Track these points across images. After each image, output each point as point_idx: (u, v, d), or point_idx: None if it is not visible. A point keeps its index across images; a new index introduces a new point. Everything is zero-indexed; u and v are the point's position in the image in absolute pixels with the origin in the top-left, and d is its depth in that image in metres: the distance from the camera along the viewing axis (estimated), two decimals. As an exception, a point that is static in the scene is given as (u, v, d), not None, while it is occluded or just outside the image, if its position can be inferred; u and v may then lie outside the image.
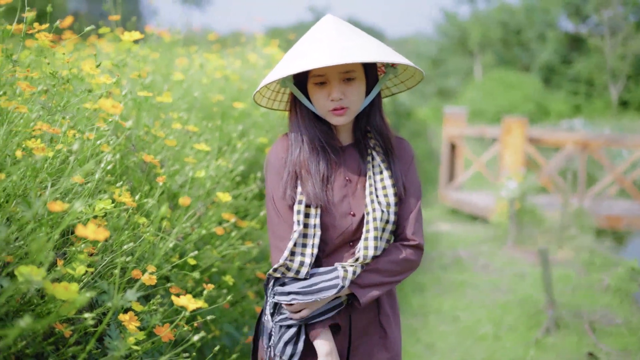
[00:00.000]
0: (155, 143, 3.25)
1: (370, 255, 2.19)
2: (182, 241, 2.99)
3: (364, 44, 2.14)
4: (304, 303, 2.20)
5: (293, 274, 2.21)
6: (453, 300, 6.35)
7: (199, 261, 3.12)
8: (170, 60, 4.64)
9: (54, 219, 1.98)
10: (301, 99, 2.28)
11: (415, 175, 2.39)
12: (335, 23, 2.24)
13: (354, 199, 2.29)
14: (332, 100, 2.20)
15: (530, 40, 34.94)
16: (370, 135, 2.35)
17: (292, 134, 2.32)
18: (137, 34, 2.83)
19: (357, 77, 2.22)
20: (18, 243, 1.91)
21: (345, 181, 2.31)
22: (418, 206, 2.33)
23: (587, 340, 5.26)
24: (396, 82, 2.47)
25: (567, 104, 31.08)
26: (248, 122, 4.64)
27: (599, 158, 10.03)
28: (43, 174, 2.05)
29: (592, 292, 6.61)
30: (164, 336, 2.11)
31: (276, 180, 2.30)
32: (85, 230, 1.53)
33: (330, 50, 2.07)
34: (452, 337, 5.40)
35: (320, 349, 2.21)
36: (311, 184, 2.24)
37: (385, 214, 2.23)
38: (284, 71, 2.12)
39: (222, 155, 3.75)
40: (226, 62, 5.57)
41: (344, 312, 2.30)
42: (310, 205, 2.23)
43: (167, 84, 3.96)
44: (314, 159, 2.27)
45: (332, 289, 2.17)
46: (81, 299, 1.44)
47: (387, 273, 2.25)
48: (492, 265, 7.71)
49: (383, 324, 2.37)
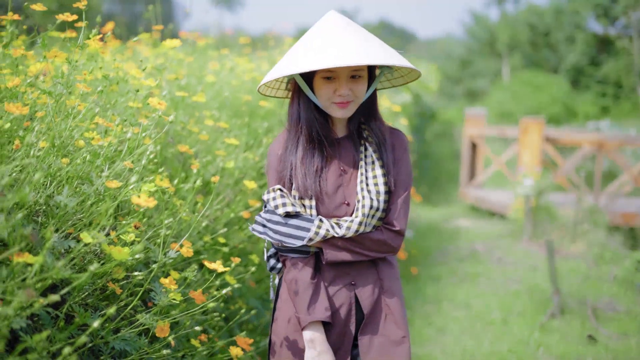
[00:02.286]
0: (190, 137, 3.69)
1: (350, 234, 2.33)
2: (213, 222, 3.44)
3: (377, 45, 2.28)
4: (274, 241, 2.42)
5: (272, 207, 2.40)
6: (466, 290, 6.73)
7: (228, 241, 3.55)
8: (204, 63, 5.09)
9: (110, 195, 2.42)
10: (306, 90, 2.38)
11: (406, 165, 2.49)
12: (343, 20, 2.36)
13: (348, 189, 2.41)
14: (339, 96, 2.32)
15: (558, 42, 34.85)
16: (364, 127, 2.48)
17: (290, 125, 2.45)
18: (177, 41, 3.27)
19: (363, 75, 2.35)
20: (80, 215, 2.35)
21: (340, 171, 2.43)
22: (406, 194, 2.44)
23: (589, 325, 5.62)
24: (389, 77, 2.59)
25: (595, 106, 31.00)
26: (273, 120, 5.06)
27: (614, 158, 10.31)
28: (99, 160, 2.49)
29: (599, 283, 6.96)
30: (197, 299, 2.51)
31: (274, 175, 2.47)
32: (139, 199, 1.97)
33: (351, 50, 2.19)
34: (463, 321, 5.77)
35: (305, 338, 2.38)
36: (302, 176, 2.38)
37: (375, 201, 2.35)
38: (304, 65, 2.20)
39: (249, 149, 4.19)
40: (254, 65, 5.99)
41: (348, 290, 2.44)
42: (304, 197, 2.39)
43: (200, 85, 4.40)
44: (309, 152, 2.41)
45: (298, 239, 2.35)
46: (136, 249, 1.86)
47: (360, 246, 2.38)
48: (506, 259, 8.06)
49: (387, 302, 2.48)
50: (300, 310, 2.38)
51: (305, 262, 2.41)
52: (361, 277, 2.45)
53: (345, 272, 2.44)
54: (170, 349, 2.40)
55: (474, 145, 12.43)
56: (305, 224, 2.36)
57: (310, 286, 2.39)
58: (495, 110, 27.84)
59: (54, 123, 2.29)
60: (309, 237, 2.33)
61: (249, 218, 3.64)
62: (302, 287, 2.39)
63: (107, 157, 2.38)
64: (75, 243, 2.16)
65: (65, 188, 2.09)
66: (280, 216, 2.40)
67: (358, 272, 2.45)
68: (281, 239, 2.39)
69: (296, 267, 2.42)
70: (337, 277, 2.44)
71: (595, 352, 5.03)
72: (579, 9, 34.13)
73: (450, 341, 5.28)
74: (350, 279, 2.44)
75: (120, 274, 2.41)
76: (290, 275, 2.43)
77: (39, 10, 2.55)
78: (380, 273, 2.49)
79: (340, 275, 2.44)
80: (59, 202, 2.07)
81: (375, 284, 2.47)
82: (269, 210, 2.45)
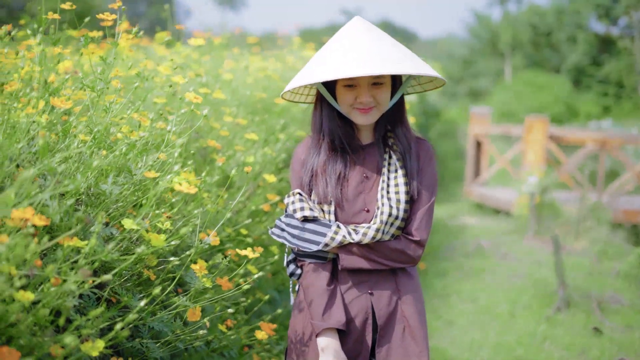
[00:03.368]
0: (211, 133, 3.83)
1: (366, 240, 2.31)
2: (236, 214, 3.58)
3: (397, 53, 2.26)
4: (291, 245, 2.40)
5: (291, 211, 2.41)
6: (473, 284, 6.87)
7: (250, 232, 3.69)
8: (219, 62, 5.23)
9: (146, 186, 2.56)
10: (327, 98, 2.38)
11: (431, 176, 2.45)
12: (366, 28, 2.35)
13: (369, 196, 2.39)
14: (360, 102, 2.32)
15: (560, 41, 34.95)
16: (390, 134, 2.45)
17: (314, 131, 2.46)
18: (201, 40, 3.41)
19: (385, 82, 2.34)
20: (119, 204, 2.49)
21: (362, 178, 2.41)
22: (428, 205, 2.40)
23: (594, 318, 5.76)
24: (413, 83, 2.58)
25: (597, 106, 31.08)
26: (287, 117, 5.19)
27: (616, 156, 10.44)
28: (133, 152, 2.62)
29: (603, 278, 7.10)
30: (224, 285, 2.63)
31: (296, 180, 2.48)
32: (181, 186, 2.11)
33: (370, 58, 2.19)
34: (471, 315, 5.91)
35: (319, 344, 2.33)
36: (323, 183, 2.38)
37: (395, 209, 2.32)
38: (322, 75, 2.21)
39: (267, 144, 4.32)
40: (267, 63, 6.14)
41: (365, 299, 2.40)
42: (322, 202, 2.39)
43: (218, 83, 4.53)
44: (332, 159, 2.40)
45: (314, 244, 2.34)
46: (182, 231, 2.00)
47: (377, 254, 2.34)
48: (511, 254, 8.20)
49: (405, 314, 2.42)
50: (314, 316, 2.35)
51: (323, 268, 2.39)
52: (379, 286, 2.41)
53: (363, 281, 2.41)
54: (206, 329, 2.53)
55: (478, 143, 12.57)
56: (322, 229, 2.35)
57: (326, 292, 2.36)
58: (498, 109, 27.93)
59: (95, 117, 2.42)
60: (324, 242, 2.32)
61: (269, 211, 3.77)
62: (317, 293, 2.36)
63: (145, 149, 2.52)
64: (116, 230, 2.30)
65: (109, 177, 2.23)
66: (298, 220, 2.39)
67: (376, 281, 2.41)
68: (298, 243, 2.38)
69: (313, 273, 2.40)
70: (354, 285, 2.41)
71: (600, 344, 5.16)
72: (581, 9, 34.21)
73: (459, 333, 5.42)
74: (367, 288, 2.41)
75: (153, 261, 2.55)
76: (307, 280, 2.41)
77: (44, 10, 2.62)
78: (399, 283, 2.44)
79: (357, 283, 2.40)
80: (104, 190, 2.21)
81: (392, 295, 2.42)
82: (289, 214, 2.44)
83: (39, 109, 2.16)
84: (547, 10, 35.81)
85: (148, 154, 2.64)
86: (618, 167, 13.24)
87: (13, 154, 2.09)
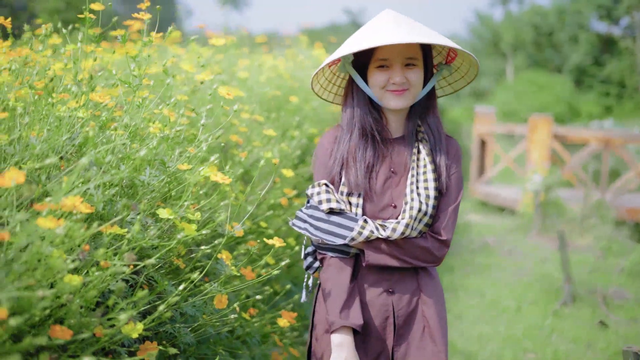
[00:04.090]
0: (231, 129, 3.95)
1: (395, 236, 2.24)
2: (256, 208, 3.69)
3: (426, 30, 2.24)
4: (314, 237, 2.35)
5: (316, 202, 2.34)
6: (480, 280, 6.99)
7: (269, 226, 3.81)
8: (233, 61, 5.35)
9: (178, 178, 2.67)
10: (358, 82, 2.33)
11: (458, 175, 2.39)
12: (396, 14, 2.32)
13: (396, 191, 2.33)
14: (393, 84, 2.25)
15: (561, 42, 35.09)
16: (421, 129, 2.38)
17: (344, 119, 2.38)
18: (222, 40, 3.52)
19: (418, 64, 2.28)
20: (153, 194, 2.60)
21: (389, 172, 2.35)
22: (456, 204, 2.35)
23: (600, 312, 5.88)
24: (444, 84, 2.55)
25: (598, 105, 31.22)
26: (300, 115, 5.31)
27: (620, 154, 10.55)
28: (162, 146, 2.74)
29: (607, 273, 7.23)
30: (248, 275, 2.73)
31: (322, 170, 2.40)
32: (217, 176, 2.23)
33: (395, 32, 2.16)
34: (478, 309, 6.03)
35: (333, 340, 2.28)
36: (354, 172, 2.30)
37: (424, 205, 2.26)
38: (348, 48, 2.22)
39: (283, 140, 4.44)
40: (278, 62, 6.26)
41: (385, 297, 2.36)
42: (352, 194, 2.32)
43: (234, 81, 4.66)
44: (362, 146, 2.32)
45: (339, 237, 2.28)
46: (223, 218, 2.12)
47: (404, 251, 2.29)
48: (517, 251, 8.32)
49: (425, 314, 2.38)
50: (331, 313, 2.28)
51: (344, 263, 2.33)
52: (400, 285, 2.36)
53: (385, 279, 2.35)
54: (236, 313, 2.64)
55: (483, 142, 12.69)
56: (348, 223, 2.28)
57: (346, 289, 2.29)
58: (500, 109, 28.05)
59: (130, 112, 2.54)
60: (351, 237, 2.25)
61: (285, 205, 3.89)
62: (337, 288, 2.30)
63: (178, 143, 2.63)
64: (150, 219, 2.41)
65: (147, 169, 2.34)
66: (323, 212, 2.32)
67: (398, 279, 2.36)
68: (322, 235, 2.31)
69: (334, 267, 2.33)
70: (375, 283, 2.36)
71: (606, 337, 5.28)
72: (582, 9, 34.35)
73: (467, 327, 5.53)
74: (388, 286, 2.36)
75: (182, 250, 2.67)
76: (326, 274, 2.35)
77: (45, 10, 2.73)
78: (421, 283, 2.39)
79: (379, 280, 2.35)
80: (142, 181, 2.32)
81: (413, 294, 2.38)
82: (312, 205, 2.38)
83: (81, 104, 2.27)
84: (548, 10, 35.96)
85: (180, 147, 2.75)
86: (619, 167, 13.35)
87: (57, 145, 2.20)
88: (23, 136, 2.14)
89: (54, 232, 1.60)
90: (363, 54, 2.29)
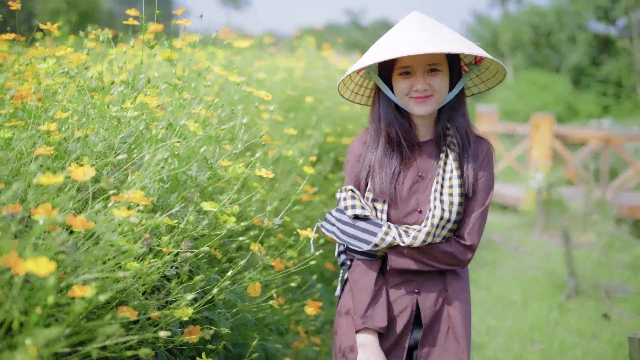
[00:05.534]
0: (254, 127, 4.13)
1: (416, 244, 2.25)
2: (280, 203, 3.88)
3: (448, 36, 2.20)
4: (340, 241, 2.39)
5: (342, 208, 2.39)
6: (486, 275, 7.18)
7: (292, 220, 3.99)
8: (250, 61, 5.54)
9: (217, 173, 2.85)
10: (383, 89, 2.33)
11: (488, 178, 2.36)
12: (420, 18, 2.30)
13: (423, 196, 2.33)
14: (415, 91, 2.24)
15: (560, 42, 35.27)
16: (449, 132, 2.36)
17: (372, 125, 2.40)
18: (247, 42, 3.70)
19: (442, 70, 2.25)
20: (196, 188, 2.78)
21: (417, 177, 2.35)
22: (483, 208, 2.33)
23: (603, 305, 6.07)
24: (477, 81, 2.52)
25: (596, 105, 31.41)
26: (315, 114, 5.49)
27: (620, 153, 10.75)
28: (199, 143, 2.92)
29: (610, 268, 7.43)
30: (276, 266, 2.89)
31: (351, 174, 2.44)
32: (261, 172, 2.41)
33: (416, 41, 2.13)
34: (486, 303, 6.22)
35: (358, 340, 2.34)
36: (379, 179, 2.32)
37: (447, 212, 2.25)
38: (369, 59, 2.20)
39: (302, 139, 4.62)
40: (293, 63, 6.44)
41: (410, 297, 2.37)
42: (377, 200, 2.35)
43: (253, 82, 4.83)
44: (388, 152, 2.34)
45: (364, 243, 2.31)
46: (271, 208, 2.30)
47: (427, 256, 2.30)
48: (521, 248, 8.52)
49: (451, 314, 2.38)
50: (357, 312, 2.34)
51: (370, 265, 2.36)
52: (426, 285, 2.37)
53: (411, 279, 2.37)
54: (274, 299, 2.82)
55: (484, 141, 12.85)
56: (373, 229, 2.31)
57: (371, 291, 2.33)
58: (501, 109, 28.20)
59: (174, 112, 2.72)
60: (374, 243, 2.28)
61: (307, 201, 4.07)
62: (362, 290, 2.35)
63: (218, 140, 2.81)
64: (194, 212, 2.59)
65: (194, 165, 2.52)
66: (348, 217, 2.37)
67: (424, 280, 2.38)
68: (347, 240, 2.35)
69: (360, 269, 2.38)
70: (401, 283, 2.38)
71: (610, 328, 5.47)
72: (581, 9, 34.52)
73: (475, 320, 5.71)
74: (414, 287, 2.37)
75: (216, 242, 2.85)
76: (353, 275, 2.40)
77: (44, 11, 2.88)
78: (447, 284, 2.39)
79: (404, 281, 2.38)
80: (190, 175, 2.51)
81: (439, 295, 2.38)
82: (340, 209, 2.42)
83: (135, 105, 2.45)
84: (547, 10, 36.11)
85: (219, 145, 2.93)
86: (618, 166, 13.54)
87: (113, 143, 2.38)
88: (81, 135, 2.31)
89: (129, 220, 1.79)
90: (386, 62, 2.29)
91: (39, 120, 2.29)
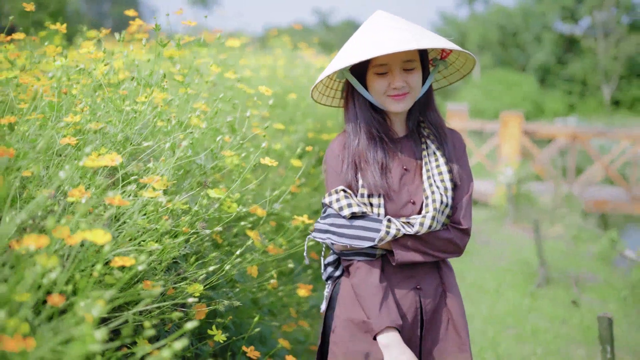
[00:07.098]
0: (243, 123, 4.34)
1: (423, 230, 2.22)
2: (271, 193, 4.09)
3: (425, 32, 2.20)
4: (339, 245, 2.31)
5: (337, 209, 2.30)
6: (461, 265, 7.44)
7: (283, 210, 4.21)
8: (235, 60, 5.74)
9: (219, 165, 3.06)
10: (359, 88, 2.30)
11: (467, 165, 2.40)
12: (389, 16, 2.31)
13: (413, 187, 2.31)
14: (394, 89, 2.24)
15: (526, 42, 35.81)
16: (424, 125, 2.39)
17: (349, 125, 2.36)
18: (237, 41, 3.89)
19: (416, 66, 2.25)
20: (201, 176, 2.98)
21: (403, 170, 2.33)
22: (469, 192, 2.34)
23: (572, 293, 6.37)
24: (439, 77, 2.55)
25: (562, 103, 31.99)
26: (298, 111, 5.71)
27: (586, 149, 11.10)
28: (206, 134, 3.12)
29: (578, 259, 7.77)
30: (271, 250, 3.06)
31: (335, 177, 2.35)
32: (265, 160, 2.62)
33: (398, 40, 2.11)
34: (461, 291, 6.43)
35: (380, 342, 2.22)
36: (370, 173, 2.27)
37: (444, 197, 2.25)
38: (350, 59, 2.16)
39: (287, 134, 4.84)
40: (278, 62, 6.66)
41: (414, 294, 2.32)
42: (372, 195, 2.28)
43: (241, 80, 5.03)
44: (371, 148, 2.30)
45: (367, 240, 2.24)
46: (274, 197, 2.51)
47: (430, 245, 2.26)
48: (493, 240, 8.82)
49: (449, 306, 2.37)
50: (371, 315, 2.24)
51: (372, 265, 2.29)
52: (425, 280, 2.34)
53: (411, 276, 2.33)
54: (274, 279, 3.03)
55: (455, 138, 13.16)
56: (373, 225, 2.25)
57: (380, 290, 2.25)
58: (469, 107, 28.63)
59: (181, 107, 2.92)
60: (379, 237, 2.21)
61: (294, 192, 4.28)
62: (371, 290, 2.27)
63: (220, 133, 3.02)
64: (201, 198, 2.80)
65: (202, 154, 2.73)
66: (345, 218, 2.28)
67: (423, 275, 2.34)
68: (348, 241, 2.27)
69: (363, 271, 2.30)
70: (402, 281, 2.33)
71: (579, 314, 5.76)
72: (546, 10, 35.06)
73: (452, 307, 5.97)
74: (415, 283, 2.33)
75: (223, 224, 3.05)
76: (356, 278, 2.31)
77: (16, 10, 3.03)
78: (443, 277, 2.38)
79: (405, 278, 2.33)
80: (199, 164, 2.71)
81: (437, 288, 2.36)
82: (330, 214, 2.33)
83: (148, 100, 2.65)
84: (513, 11, 36.61)
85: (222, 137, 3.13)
86: (584, 162, 13.91)
87: (129, 135, 2.58)
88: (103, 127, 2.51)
89: (156, 200, 1.99)
90: (361, 62, 2.23)
91: (59, 114, 2.48)
